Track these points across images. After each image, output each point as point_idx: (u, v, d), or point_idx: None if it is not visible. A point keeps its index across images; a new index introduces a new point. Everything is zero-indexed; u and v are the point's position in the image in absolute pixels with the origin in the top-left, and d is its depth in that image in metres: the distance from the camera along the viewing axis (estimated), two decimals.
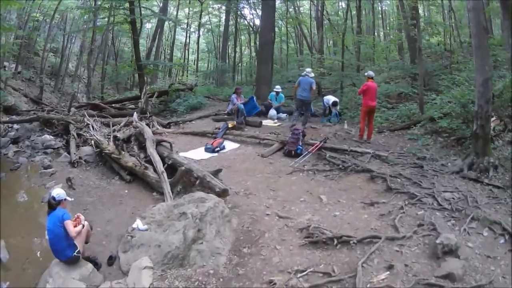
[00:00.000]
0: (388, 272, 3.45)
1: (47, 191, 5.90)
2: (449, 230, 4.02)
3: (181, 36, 31.00)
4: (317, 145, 7.24)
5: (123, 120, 9.51)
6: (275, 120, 10.54)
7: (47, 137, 8.79)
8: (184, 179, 5.90)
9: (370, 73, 8.40)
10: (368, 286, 3.29)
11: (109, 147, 7.29)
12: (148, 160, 6.68)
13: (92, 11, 17.23)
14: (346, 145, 7.44)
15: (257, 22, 21.33)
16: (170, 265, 3.85)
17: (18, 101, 12.87)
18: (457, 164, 5.97)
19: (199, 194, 4.92)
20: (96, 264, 3.97)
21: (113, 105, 13.42)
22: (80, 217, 4.01)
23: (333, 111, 10.34)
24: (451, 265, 3.41)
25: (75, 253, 3.69)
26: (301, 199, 5.42)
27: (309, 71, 9.45)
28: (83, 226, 3.93)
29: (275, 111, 10.77)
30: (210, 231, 4.30)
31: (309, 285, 3.40)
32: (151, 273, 3.67)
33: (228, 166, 6.83)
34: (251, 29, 23.67)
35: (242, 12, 22.64)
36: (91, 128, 8.85)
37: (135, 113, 9.50)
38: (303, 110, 9.28)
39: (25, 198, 6.12)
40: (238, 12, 21.82)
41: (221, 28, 25.45)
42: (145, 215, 4.66)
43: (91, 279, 3.69)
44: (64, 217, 3.68)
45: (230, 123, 9.23)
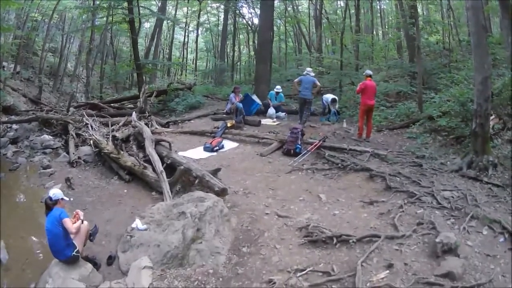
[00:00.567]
0: (387, 271, 3.45)
1: (46, 191, 5.86)
2: (448, 229, 4.02)
3: (179, 36, 30.93)
4: (316, 144, 7.24)
5: (122, 120, 9.48)
6: (274, 119, 10.55)
7: (46, 137, 8.78)
8: (183, 179, 5.89)
9: (368, 71, 8.47)
10: (367, 285, 3.29)
11: (108, 146, 7.28)
12: (147, 159, 6.67)
13: (91, 10, 17.20)
14: (345, 144, 7.44)
15: (256, 21, 21.29)
16: (169, 264, 3.85)
17: (17, 101, 12.85)
18: (456, 162, 5.97)
19: (198, 194, 4.91)
20: (95, 264, 3.96)
21: (112, 104, 13.38)
22: (79, 213, 3.98)
23: (332, 109, 10.37)
24: (451, 263, 3.40)
25: (74, 253, 3.68)
26: (300, 198, 5.42)
27: (309, 70, 9.76)
28: (82, 221, 3.90)
29: (274, 110, 10.78)
30: (209, 230, 4.29)
31: (308, 284, 3.40)
32: (150, 273, 3.67)
33: (227, 165, 6.83)
34: (249, 28, 23.65)
35: (241, 11, 22.62)
36: (90, 128, 8.82)
37: (134, 112, 9.47)
38: (305, 108, 9.42)
39: (24, 198, 6.12)
40: (237, 11, 21.80)
41: (220, 27, 25.43)
42: (144, 215, 4.65)
43: (90, 279, 3.68)
44: (61, 216, 3.67)
45: (229, 122, 9.23)
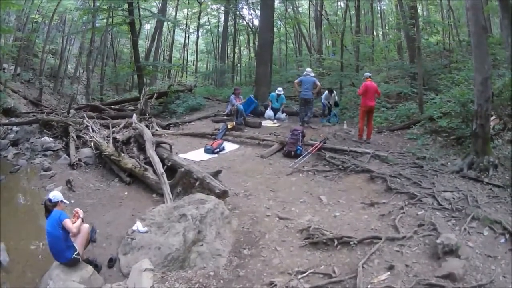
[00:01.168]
0: (388, 273, 3.44)
1: (46, 193, 5.86)
2: (449, 230, 4.01)
3: (180, 37, 31.01)
4: (317, 146, 7.23)
5: (123, 122, 9.49)
6: (275, 120, 10.54)
7: (47, 139, 8.81)
8: (184, 181, 5.88)
9: (366, 74, 8.54)
10: (368, 287, 3.29)
11: (108, 148, 7.29)
12: (148, 161, 6.67)
13: (91, 12, 17.24)
14: (346, 146, 7.45)
15: (256, 22, 21.38)
16: (170, 267, 3.84)
17: (17, 103, 12.90)
18: (457, 163, 5.96)
19: (199, 196, 4.91)
20: (96, 267, 3.95)
21: (113, 106, 13.41)
22: (79, 211, 3.95)
23: (332, 111, 10.39)
24: (452, 265, 3.40)
25: (74, 255, 3.67)
26: (301, 200, 5.41)
27: (309, 70, 9.88)
28: (82, 220, 3.89)
29: (272, 111, 10.74)
30: (210, 232, 4.29)
31: (309, 286, 3.39)
32: (151, 275, 3.66)
33: (227, 167, 6.82)
34: (250, 29, 23.70)
35: (241, 13, 22.74)
36: (90, 130, 8.84)
37: (134, 114, 9.50)
38: (307, 108, 9.51)
39: (25, 200, 6.12)
40: (237, 13, 21.85)
41: (220, 29, 25.50)
42: (145, 217, 4.64)
43: (91, 282, 3.68)
44: (61, 217, 3.67)
45: (229, 124, 9.23)
